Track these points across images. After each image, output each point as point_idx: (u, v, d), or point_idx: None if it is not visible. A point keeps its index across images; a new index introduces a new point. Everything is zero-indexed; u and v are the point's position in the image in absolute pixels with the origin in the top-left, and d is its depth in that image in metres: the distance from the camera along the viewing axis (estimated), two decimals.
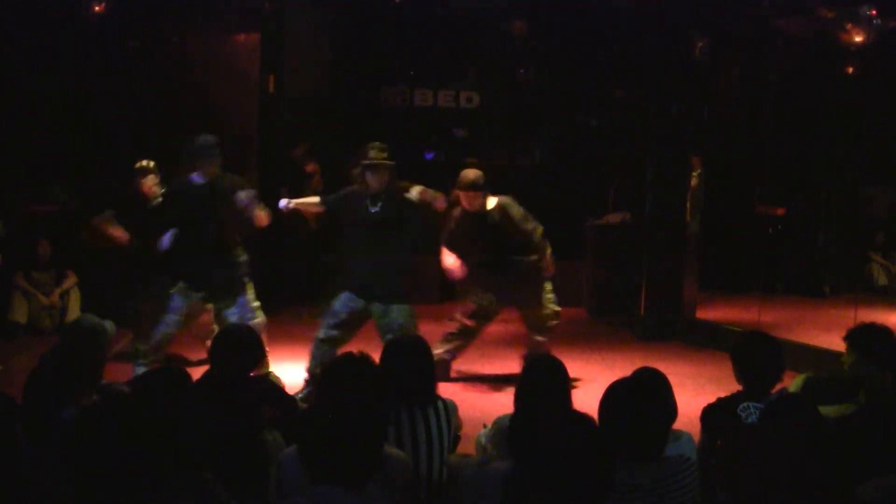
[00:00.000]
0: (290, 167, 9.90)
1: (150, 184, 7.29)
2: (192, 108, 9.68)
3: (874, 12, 9.28)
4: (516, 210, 6.88)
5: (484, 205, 6.83)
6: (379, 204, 6.25)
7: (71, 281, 8.79)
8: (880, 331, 4.50)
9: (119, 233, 7.13)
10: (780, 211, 10.89)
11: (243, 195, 6.41)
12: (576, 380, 6.29)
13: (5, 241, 8.92)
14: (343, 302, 6.32)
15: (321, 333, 6.32)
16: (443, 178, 11.28)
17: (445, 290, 10.25)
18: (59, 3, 9.28)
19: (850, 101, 10.42)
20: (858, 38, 9.55)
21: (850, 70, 10.30)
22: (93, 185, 9.48)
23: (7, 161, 9.28)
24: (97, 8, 9.15)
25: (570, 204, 10.28)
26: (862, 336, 4.39)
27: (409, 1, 10.65)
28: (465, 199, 6.81)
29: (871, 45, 9.66)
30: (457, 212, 6.90)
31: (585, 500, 2.47)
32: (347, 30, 11.01)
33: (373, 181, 6.23)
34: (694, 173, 9.38)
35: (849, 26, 9.50)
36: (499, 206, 6.84)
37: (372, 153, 6.28)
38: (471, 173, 6.89)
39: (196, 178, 6.57)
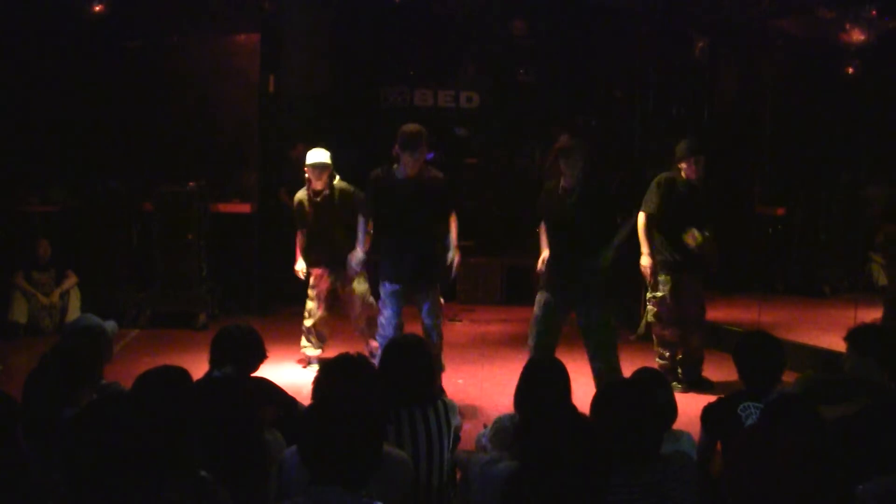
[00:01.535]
0: (289, 167, 9.90)
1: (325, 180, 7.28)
2: (192, 108, 9.70)
3: (874, 13, 9.28)
4: None
5: None
6: (575, 197, 5.94)
7: (71, 281, 8.80)
8: (881, 331, 4.50)
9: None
10: (780, 211, 10.89)
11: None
12: None
13: (5, 240, 8.93)
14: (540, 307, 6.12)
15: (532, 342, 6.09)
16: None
17: (445, 290, 10.27)
18: (60, 3, 9.28)
19: (850, 101, 10.41)
20: (858, 38, 9.55)
21: (850, 70, 10.29)
22: (92, 186, 9.49)
23: (7, 161, 9.29)
24: (97, 8, 9.16)
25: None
26: (862, 336, 4.39)
27: (409, 1, 10.66)
28: (694, 168, 6.65)
29: (871, 45, 9.66)
30: (679, 181, 6.71)
31: (584, 501, 2.47)
32: (347, 30, 11.01)
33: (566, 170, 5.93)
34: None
35: (848, 26, 9.50)
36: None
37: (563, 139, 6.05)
38: (687, 140, 6.74)
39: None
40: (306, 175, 7.34)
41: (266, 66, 9.94)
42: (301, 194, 7.42)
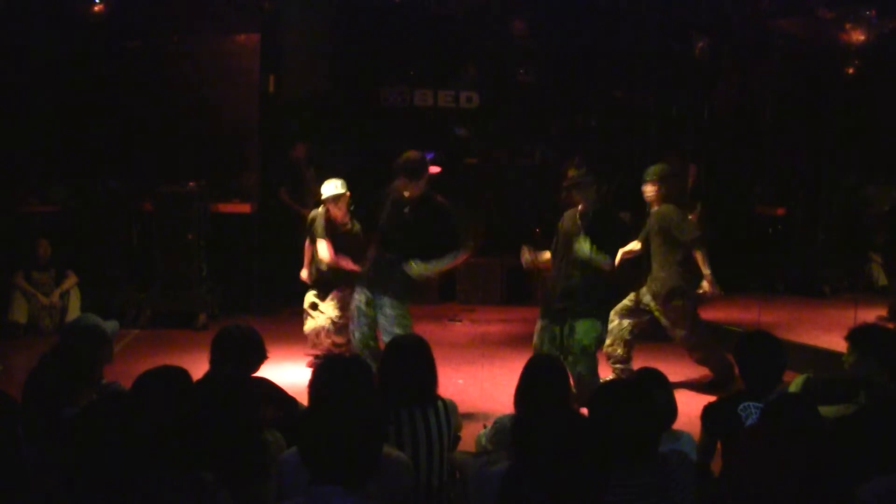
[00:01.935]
0: (290, 167, 9.91)
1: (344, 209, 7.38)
2: (192, 108, 9.70)
3: (874, 12, 9.29)
4: None
5: None
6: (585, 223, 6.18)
7: (71, 281, 8.80)
8: (882, 331, 4.50)
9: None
10: (780, 211, 10.89)
11: None
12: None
13: (5, 240, 8.93)
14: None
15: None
16: (443, 178, 11.34)
17: (445, 290, 10.28)
18: (59, 3, 9.28)
19: (850, 101, 10.41)
20: (858, 38, 9.55)
21: (850, 70, 10.29)
22: (92, 186, 9.50)
23: (7, 161, 9.29)
24: (97, 8, 9.16)
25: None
26: (863, 336, 4.39)
27: (409, 1, 10.66)
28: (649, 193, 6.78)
29: (871, 45, 9.67)
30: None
31: (581, 500, 2.47)
32: (347, 30, 11.01)
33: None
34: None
35: (848, 26, 9.51)
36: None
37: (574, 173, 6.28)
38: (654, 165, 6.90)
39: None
40: (324, 208, 7.42)
41: (266, 66, 9.94)
42: (318, 212, 7.47)
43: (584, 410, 3.06)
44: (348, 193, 7.37)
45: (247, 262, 9.74)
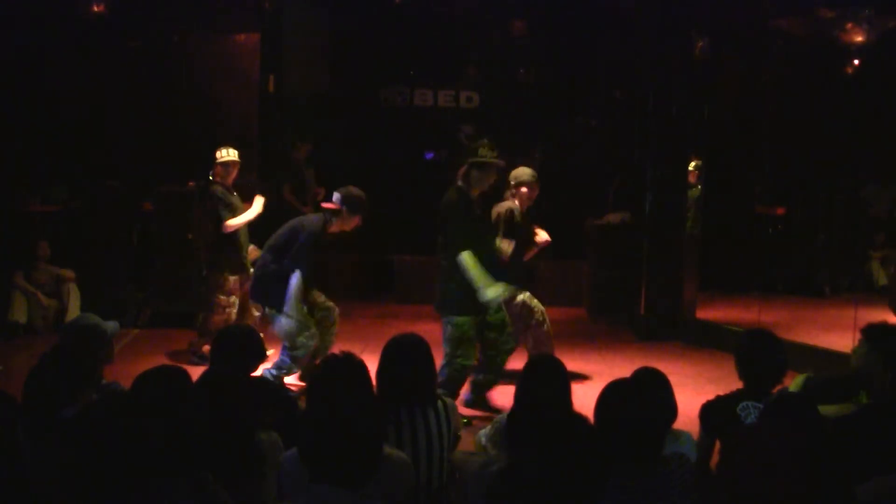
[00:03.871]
0: (291, 167, 9.91)
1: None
2: (192, 108, 9.70)
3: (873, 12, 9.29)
4: None
5: None
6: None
7: (69, 277, 8.79)
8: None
9: None
10: (780, 211, 10.89)
11: None
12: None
13: (5, 240, 8.94)
14: None
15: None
16: (443, 178, 11.33)
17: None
18: (60, 3, 9.29)
19: (850, 101, 10.41)
20: (858, 38, 9.55)
21: (850, 70, 10.29)
22: (92, 186, 9.50)
23: (7, 161, 9.29)
24: (97, 8, 9.17)
25: (570, 204, 10.29)
26: (879, 331, 4.35)
27: (409, 1, 10.66)
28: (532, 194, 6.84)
29: (871, 45, 9.66)
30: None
31: (576, 501, 2.45)
32: (347, 29, 11.01)
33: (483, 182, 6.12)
34: (692, 165, 9.35)
35: (849, 26, 9.50)
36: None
37: (483, 151, 6.14)
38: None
39: None
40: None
41: (266, 66, 9.95)
42: None
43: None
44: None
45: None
